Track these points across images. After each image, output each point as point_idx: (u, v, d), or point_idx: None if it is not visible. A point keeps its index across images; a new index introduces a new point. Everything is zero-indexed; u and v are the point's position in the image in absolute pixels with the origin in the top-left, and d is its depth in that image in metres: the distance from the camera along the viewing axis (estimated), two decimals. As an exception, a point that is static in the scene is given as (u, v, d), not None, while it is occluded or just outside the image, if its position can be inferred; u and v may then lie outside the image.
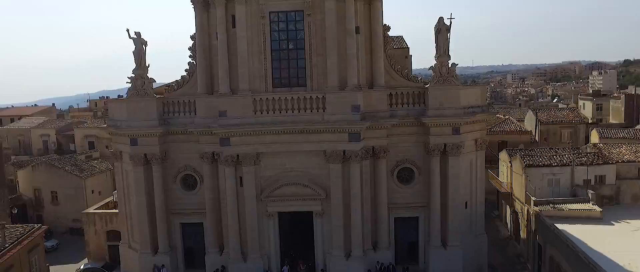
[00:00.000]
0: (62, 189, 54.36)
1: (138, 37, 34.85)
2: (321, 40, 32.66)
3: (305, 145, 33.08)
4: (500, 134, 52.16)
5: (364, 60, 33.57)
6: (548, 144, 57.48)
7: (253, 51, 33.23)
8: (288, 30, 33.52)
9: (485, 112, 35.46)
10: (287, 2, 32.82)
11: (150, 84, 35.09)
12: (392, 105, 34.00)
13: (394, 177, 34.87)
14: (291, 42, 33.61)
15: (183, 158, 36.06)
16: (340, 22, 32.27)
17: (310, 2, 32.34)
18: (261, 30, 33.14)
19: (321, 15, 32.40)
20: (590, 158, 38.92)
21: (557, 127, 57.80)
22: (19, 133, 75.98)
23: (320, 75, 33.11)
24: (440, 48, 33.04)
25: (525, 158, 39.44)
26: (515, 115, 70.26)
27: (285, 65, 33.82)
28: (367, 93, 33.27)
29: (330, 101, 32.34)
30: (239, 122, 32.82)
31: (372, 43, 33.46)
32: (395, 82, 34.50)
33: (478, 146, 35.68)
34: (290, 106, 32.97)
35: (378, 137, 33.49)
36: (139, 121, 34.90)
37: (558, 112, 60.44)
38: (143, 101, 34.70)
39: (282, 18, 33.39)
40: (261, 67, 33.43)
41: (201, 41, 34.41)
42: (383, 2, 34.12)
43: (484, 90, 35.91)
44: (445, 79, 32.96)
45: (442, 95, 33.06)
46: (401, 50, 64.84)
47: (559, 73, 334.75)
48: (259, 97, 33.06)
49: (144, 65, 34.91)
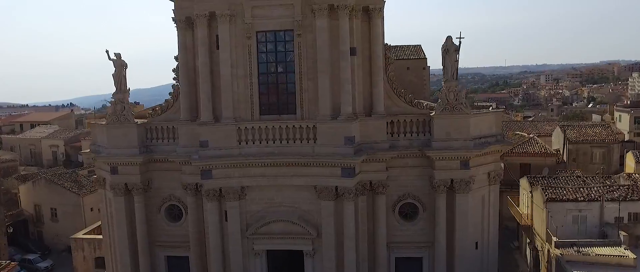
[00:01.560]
0: (61, 206, 52.92)
1: (118, 59, 32.35)
2: (313, 63, 29.35)
3: (294, 179, 29.88)
4: (523, 156, 47.66)
5: (362, 84, 30.06)
6: (577, 166, 52.64)
7: (238, 75, 30.19)
8: (277, 52, 30.32)
9: (500, 142, 31.42)
10: (276, 21, 29.61)
11: (131, 109, 32.55)
12: (393, 134, 30.42)
13: (395, 213, 31.29)
14: (280, 64, 30.41)
15: (167, 187, 33.41)
16: (334, 43, 28.87)
17: (301, 20, 29.05)
18: (247, 51, 30.05)
19: (312, 35, 29.08)
20: (624, 192, 34.33)
21: (587, 147, 52.73)
22: (30, 143, 75.62)
23: (311, 101, 29.80)
24: (448, 71, 29.24)
25: (547, 190, 35.18)
26: (542, 130, 65.26)
27: (274, 90, 30.64)
28: (364, 122, 29.77)
29: (321, 131, 29.02)
30: (221, 153, 29.86)
31: (371, 65, 29.91)
32: (398, 108, 30.85)
33: (491, 179, 31.71)
34: (278, 136, 29.82)
35: (376, 170, 29.97)
36: (119, 149, 32.37)
37: (589, 129, 55.22)
38: (123, 127, 32.15)
39: (271, 38, 30.22)
40: (247, 92, 30.36)
41: (184, 63, 31.60)
42: (384, 20, 30.62)
43: (498, 117, 31.84)
44: (453, 106, 29.14)
45: (449, 124, 29.26)
46: (419, 61, 61.23)
47: (596, 74, 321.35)
48: (244, 125, 30.01)
49: (124, 89, 32.36)
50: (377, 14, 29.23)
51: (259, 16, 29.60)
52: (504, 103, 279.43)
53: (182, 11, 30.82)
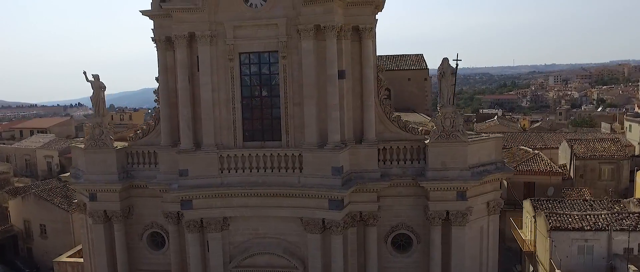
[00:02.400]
0: (51, 223, 51.44)
1: (96, 80, 30.74)
2: (299, 87, 27.48)
3: (279, 210, 28.08)
4: (527, 174, 45.49)
5: (352, 109, 28.14)
6: (584, 182, 50.47)
7: (220, 99, 28.41)
8: (261, 75, 28.49)
9: (500, 170, 29.37)
10: (260, 42, 27.78)
11: (110, 133, 30.88)
12: (385, 161, 28.51)
13: (388, 244, 29.39)
14: (265, 88, 28.57)
15: (149, 214, 31.74)
16: (321, 65, 26.99)
17: (285, 41, 27.19)
18: (230, 74, 28.25)
19: (298, 57, 27.21)
20: (634, 221, 32.17)
21: (595, 163, 50.43)
22: (25, 153, 74.43)
23: (297, 128, 27.94)
24: (444, 96, 27.27)
25: (551, 218, 33.07)
26: (548, 142, 62.96)
27: (258, 115, 28.81)
28: (354, 150, 27.87)
29: (307, 161, 27.17)
30: (202, 182, 28.11)
31: (362, 89, 27.95)
32: (390, 133, 28.90)
33: (490, 209, 29.71)
34: (262, 164, 28.04)
35: (366, 201, 28.07)
36: (97, 175, 30.75)
37: (598, 144, 52.87)
38: (101, 153, 30.52)
39: (255, 60, 28.39)
40: (229, 117, 28.56)
41: (165, 85, 29.86)
42: (376, 40, 28.68)
43: (498, 143, 29.80)
44: (449, 134, 27.16)
45: (444, 153, 27.29)
46: (420, 72, 59.15)
47: (605, 75, 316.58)
48: (226, 153, 28.25)
49: (103, 113, 30.70)
50: (367, 34, 27.30)
51: (242, 37, 27.82)
52: (512, 104, 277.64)
53: (162, 30, 29.11)
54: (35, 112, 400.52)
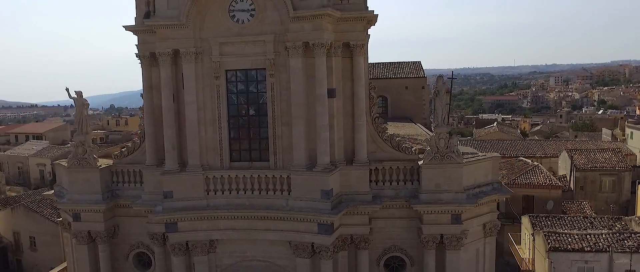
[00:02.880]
0: (40, 235, 50.39)
1: (79, 98, 29.76)
2: (287, 106, 26.44)
3: (267, 233, 27.05)
4: (526, 187, 44.43)
5: (342, 129, 27.09)
6: (585, 195, 49.44)
7: (206, 119, 27.37)
8: (248, 93, 27.44)
9: (497, 191, 28.32)
10: (247, 59, 26.73)
11: (93, 152, 29.87)
12: (377, 182, 27.47)
13: (380, 267, 28.32)
14: (252, 107, 27.53)
15: (136, 233, 30.74)
16: (310, 84, 25.94)
17: (273, 59, 26.15)
18: (216, 93, 27.22)
19: (286, 75, 26.16)
20: (636, 241, 31.10)
21: (596, 174, 49.34)
22: (18, 161, 73.44)
23: (286, 148, 26.90)
24: (438, 116, 26.22)
25: (550, 238, 32.03)
26: (548, 150, 61.88)
27: (245, 135, 27.75)
28: (345, 171, 26.82)
29: (295, 183, 26.13)
30: (187, 204, 27.10)
31: (354, 108, 26.88)
32: (383, 153, 27.85)
33: (487, 231, 28.69)
34: (249, 186, 27.01)
35: (358, 224, 27.03)
36: (81, 195, 29.77)
37: (598, 155, 51.77)
38: (85, 172, 29.53)
39: (241, 78, 27.33)
40: (216, 137, 27.52)
41: (150, 103, 28.84)
42: (368, 57, 27.66)
43: (495, 162, 28.75)
44: (443, 155, 26.10)
45: (438, 175, 26.24)
46: (418, 80, 58.11)
47: (606, 75, 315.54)
48: (212, 174, 27.22)
49: (86, 131, 29.70)
50: (359, 50, 26.24)
51: (228, 54, 26.77)
52: (512, 105, 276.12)
53: (146, 46, 28.09)
54: (35, 113, 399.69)
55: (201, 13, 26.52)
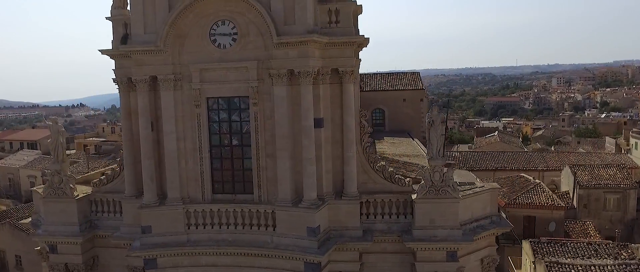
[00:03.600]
0: (26, 254, 48.84)
1: (54, 124, 28.31)
2: (271, 137, 24.82)
3: (251, 270, 25.44)
4: (527, 208, 42.78)
5: (331, 160, 25.47)
6: (588, 213, 47.83)
7: (186, 149, 25.79)
8: (231, 122, 25.84)
9: (496, 225, 26.67)
10: (229, 86, 25.12)
11: (70, 181, 28.31)
12: (368, 215, 25.86)
13: (373, 303, 26.77)
14: (235, 137, 25.92)
15: (116, 265, 29.10)
16: (296, 114, 24.34)
17: (257, 87, 24.55)
18: (197, 121, 25.64)
19: (271, 104, 24.56)
20: (642, 273, 29.44)
21: (600, 192, 47.66)
22: (9, 172, 72.05)
23: (271, 181, 25.29)
24: (433, 148, 24.57)
25: (552, 269, 30.38)
26: (550, 163, 60.20)
27: (229, 165, 26.13)
28: (334, 205, 25.20)
29: (281, 219, 24.54)
30: (167, 240, 25.54)
31: (343, 138, 25.25)
32: (375, 184, 26.21)
33: (485, 267, 27.07)
34: (232, 220, 25.45)
35: (347, 260, 25.39)
36: (57, 225, 28.22)
37: (602, 171, 50.06)
38: (61, 203, 27.98)
39: (224, 106, 25.73)
40: (197, 168, 25.93)
41: (128, 130, 27.30)
42: (358, 83, 26.07)
43: (494, 194, 27.10)
44: (438, 189, 24.45)
45: (433, 210, 24.60)
46: (416, 92, 56.54)
47: (609, 76, 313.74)
48: (193, 208, 25.67)
49: (62, 159, 28.19)
50: (348, 77, 24.62)
51: (210, 80, 25.18)
52: (514, 107, 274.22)
53: (123, 71, 26.53)
54: (36, 113, 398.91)
55: (180, 37, 24.95)
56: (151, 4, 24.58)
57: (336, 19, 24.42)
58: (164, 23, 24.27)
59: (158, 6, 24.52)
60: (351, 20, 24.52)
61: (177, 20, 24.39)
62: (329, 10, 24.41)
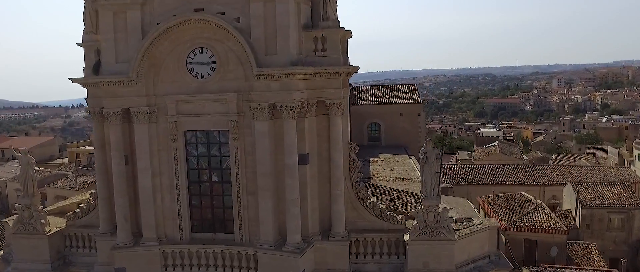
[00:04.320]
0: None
1: (23, 156, 26.60)
2: (252, 174, 23.05)
3: (232, 316, 23.75)
4: (528, 231, 40.90)
5: (317, 198, 23.70)
6: (591, 233, 45.93)
7: (162, 185, 24.04)
8: (210, 156, 24.08)
9: (495, 266, 24.84)
10: (207, 119, 23.36)
11: (41, 217, 26.55)
12: (358, 255, 24.10)
13: None
14: (215, 172, 24.16)
15: (92, 302, 27.54)
16: (279, 149, 22.58)
17: (237, 120, 22.78)
18: (173, 156, 23.88)
19: (252, 138, 22.80)
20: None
21: (604, 212, 45.82)
22: (-4, 184, 70.15)
23: (252, 220, 23.52)
24: (427, 186, 22.78)
25: (556, 306, 28.61)
26: (552, 177, 58.46)
27: (208, 203, 24.39)
28: (320, 246, 23.43)
29: (263, 262, 22.78)
30: (141, 284, 23.83)
31: (331, 175, 23.48)
32: (365, 222, 24.41)
33: (484, 308, 25.29)
34: (212, 262, 23.71)
35: (335, 306, 23.70)
36: (28, 263, 26.46)
37: (606, 189, 48.19)
38: (32, 239, 26.25)
39: (202, 139, 23.98)
40: (174, 206, 24.18)
41: (102, 164, 25.45)
42: (348, 116, 24.28)
43: (493, 232, 25.31)
44: (432, 231, 22.67)
45: (427, 253, 22.81)
46: (413, 106, 54.81)
47: (610, 78, 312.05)
48: (170, 248, 23.93)
49: (32, 193, 26.45)
50: (336, 109, 22.84)
51: (187, 112, 23.41)
52: (515, 108, 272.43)
53: (96, 101, 24.70)
54: (36, 114, 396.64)
55: (155, 66, 23.19)
56: (123, 30, 22.83)
57: (323, 47, 22.65)
58: (136, 51, 22.50)
59: (130, 33, 22.77)
60: (339, 48, 22.76)
61: (151, 49, 22.64)
62: (315, 37, 22.66)
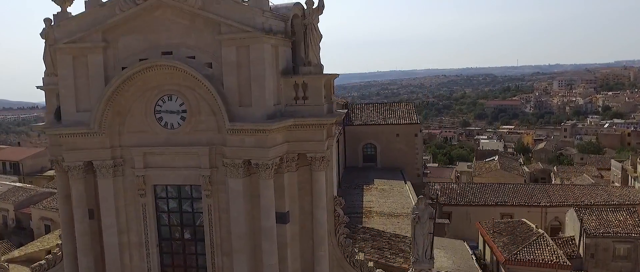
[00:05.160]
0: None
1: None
2: (227, 233, 20.94)
3: None
4: (530, 266, 38.80)
5: (299, 259, 21.58)
6: (596, 263, 43.79)
7: (130, 243, 21.93)
8: (182, 212, 21.98)
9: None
10: (178, 173, 21.23)
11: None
12: (345, 317, 22.07)
13: None
14: (188, 229, 22.05)
15: None
16: (255, 208, 20.45)
17: (209, 176, 20.66)
18: (142, 212, 21.78)
19: (226, 195, 20.67)
20: None
21: (609, 241, 43.73)
22: (-19, 203, 68.01)
23: (228, 283, 21.44)
24: (418, 248, 20.63)
25: None
26: (554, 197, 56.35)
27: (181, 261, 22.27)
28: (302, 312, 21.40)
29: (239, 331, 20.72)
30: None
31: (314, 234, 21.36)
32: (352, 281, 22.41)
33: None
34: (184, 327, 21.67)
35: None
36: (-13, 321, 24.52)
37: (611, 216, 46.08)
38: (-9, 295, 24.26)
39: (173, 194, 21.86)
40: (143, 265, 22.06)
41: (66, 216, 23.30)
42: (332, 169, 22.13)
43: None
44: (425, 296, 20.63)
45: (419, 320, 20.78)
46: (410, 127, 52.76)
47: (611, 79, 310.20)
48: (138, 313, 21.87)
49: (-9, 245, 24.37)
50: (319, 164, 20.70)
51: (155, 165, 21.29)
52: (515, 110, 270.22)
53: (58, 149, 22.46)
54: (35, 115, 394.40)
55: (120, 114, 21.06)
56: (84, 76, 20.69)
57: (304, 95, 20.52)
58: (99, 100, 20.37)
59: (92, 79, 20.63)
60: (322, 95, 20.63)
61: (115, 96, 20.51)
62: (296, 83, 20.53)
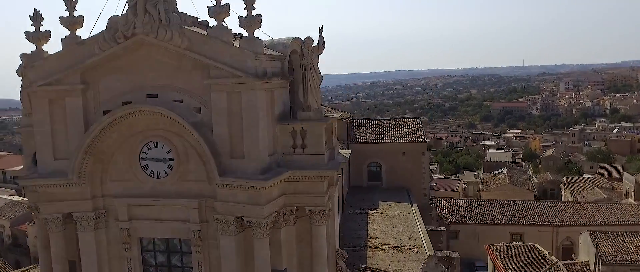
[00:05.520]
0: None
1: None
2: (220, 293, 19.14)
3: None
4: (543, 299, 36.96)
5: (297, 319, 19.78)
6: (613, 292, 41.63)
7: (114, 300, 20.19)
8: (171, 267, 20.17)
9: None
10: (166, 226, 19.44)
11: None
12: None
13: None
14: (176, 286, 20.28)
15: None
16: (249, 268, 18.61)
17: (199, 231, 18.83)
18: (127, 266, 20.00)
19: (217, 251, 18.86)
20: None
21: (627, 269, 41.61)
22: (-23, 218, 66.60)
23: None
24: (428, 309, 18.84)
25: None
26: (566, 216, 54.27)
27: (169, 320, 20.55)
28: None
29: None
30: None
31: (313, 288, 19.55)
32: None
33: None
34: None
35: None
36: None
37: (628, 240, 44.00)
38: None
39: (161, 247, 20.08)
40: (128, 324, 20.33)
41: (46, 267, 21.66)
42: (334, 221, 20.27)
43: None
44: None
45: None
46: (417, 145, 50.95)
47: (618, 81, 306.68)
48: None
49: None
50: (319, 219, 18.83)
51: (141, 217, 19.50)
52: (522, 112, 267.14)
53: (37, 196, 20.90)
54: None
55: (102, 162, 19.28)
56: (61, 121, 18.94)
57: (303, 143, 18.64)
58: (78, 148, 18.59)
59: (70, 124, 18.86)
60: (322, 143, 18.74)
61: (96, 142, 18.72)
62: (294, 130, 18.66)
